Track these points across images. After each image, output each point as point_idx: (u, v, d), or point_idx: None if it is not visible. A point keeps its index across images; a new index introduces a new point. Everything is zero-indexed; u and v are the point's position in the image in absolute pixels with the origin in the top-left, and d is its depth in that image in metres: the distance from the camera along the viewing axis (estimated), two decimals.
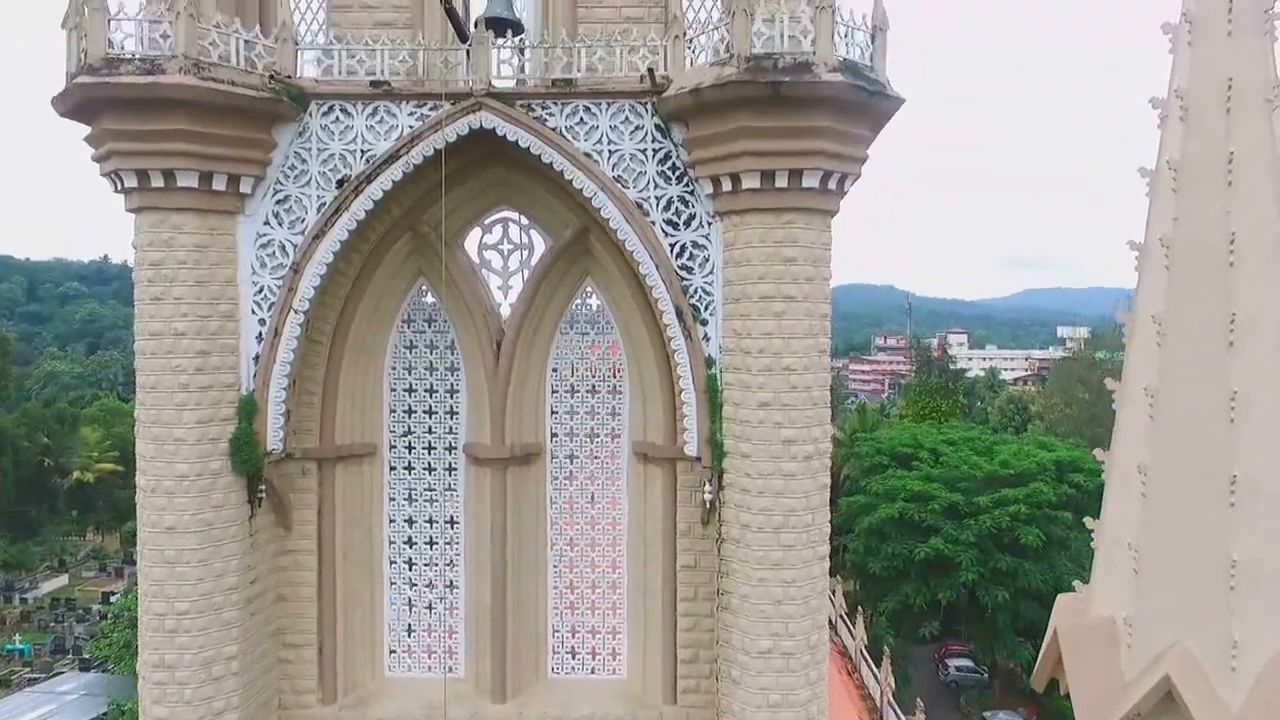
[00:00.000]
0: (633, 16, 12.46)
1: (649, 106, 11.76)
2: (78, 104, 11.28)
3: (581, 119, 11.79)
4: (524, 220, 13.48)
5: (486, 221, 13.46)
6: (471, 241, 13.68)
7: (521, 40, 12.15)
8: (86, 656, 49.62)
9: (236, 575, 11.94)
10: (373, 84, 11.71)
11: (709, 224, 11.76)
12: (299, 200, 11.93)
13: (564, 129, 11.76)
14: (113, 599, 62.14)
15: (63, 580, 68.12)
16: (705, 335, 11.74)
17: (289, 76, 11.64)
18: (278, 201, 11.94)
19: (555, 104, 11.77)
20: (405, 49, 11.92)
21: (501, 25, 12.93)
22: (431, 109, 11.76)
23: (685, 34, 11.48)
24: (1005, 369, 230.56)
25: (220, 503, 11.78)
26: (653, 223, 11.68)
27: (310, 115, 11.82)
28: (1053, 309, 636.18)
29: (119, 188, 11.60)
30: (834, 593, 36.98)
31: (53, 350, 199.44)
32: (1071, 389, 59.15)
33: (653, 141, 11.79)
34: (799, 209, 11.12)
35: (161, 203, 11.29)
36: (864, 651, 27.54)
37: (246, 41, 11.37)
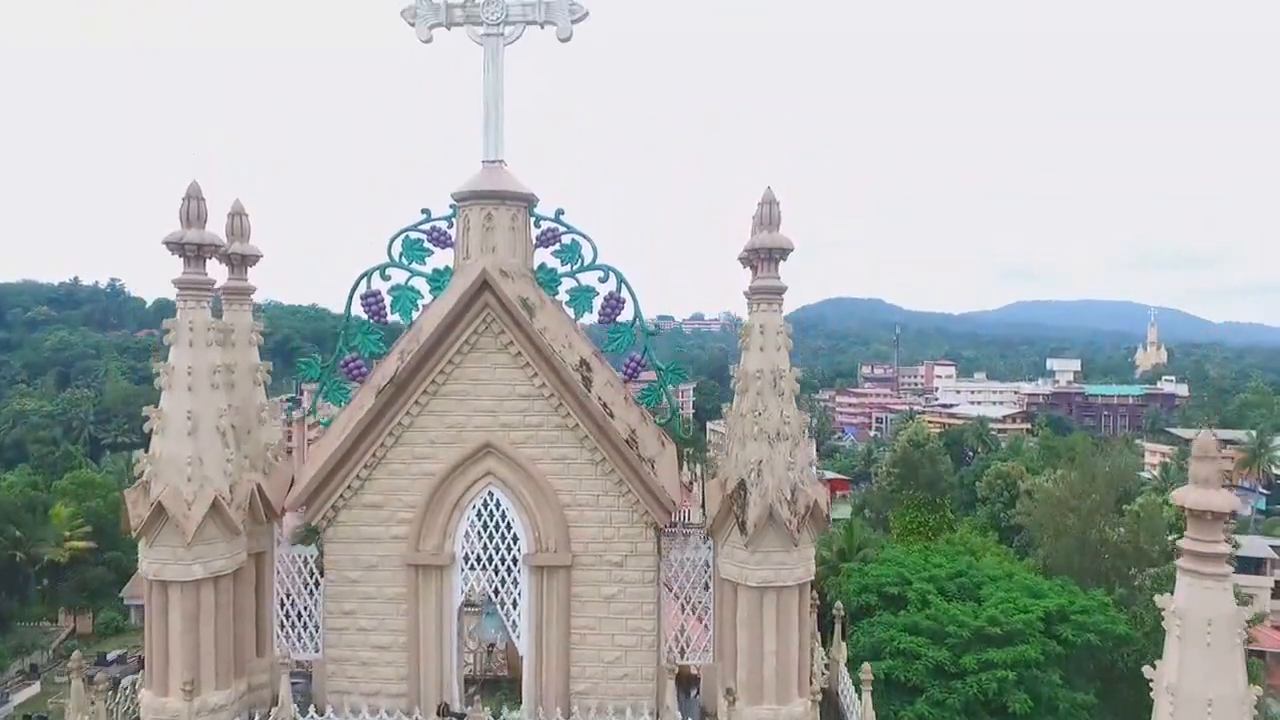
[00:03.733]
0: (626, 645, 12.67)
1: None
2: None
3: None
4: None
5: None
6: None
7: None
8: None
9: None
10: None
11: None
12: None
13: None
14: None
15: (35, 689, 67.70)
16: None
17: None
18: None
19: None
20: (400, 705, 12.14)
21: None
22: None
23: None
24: (994, 400, 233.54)
25: None
26: None
27: None
28: (1043, 323, 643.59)
29: None
30: None
31: (22, 387, 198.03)
32: (1061, 517, 59.44)
33: None
34: None
35: None
36: None
37: None
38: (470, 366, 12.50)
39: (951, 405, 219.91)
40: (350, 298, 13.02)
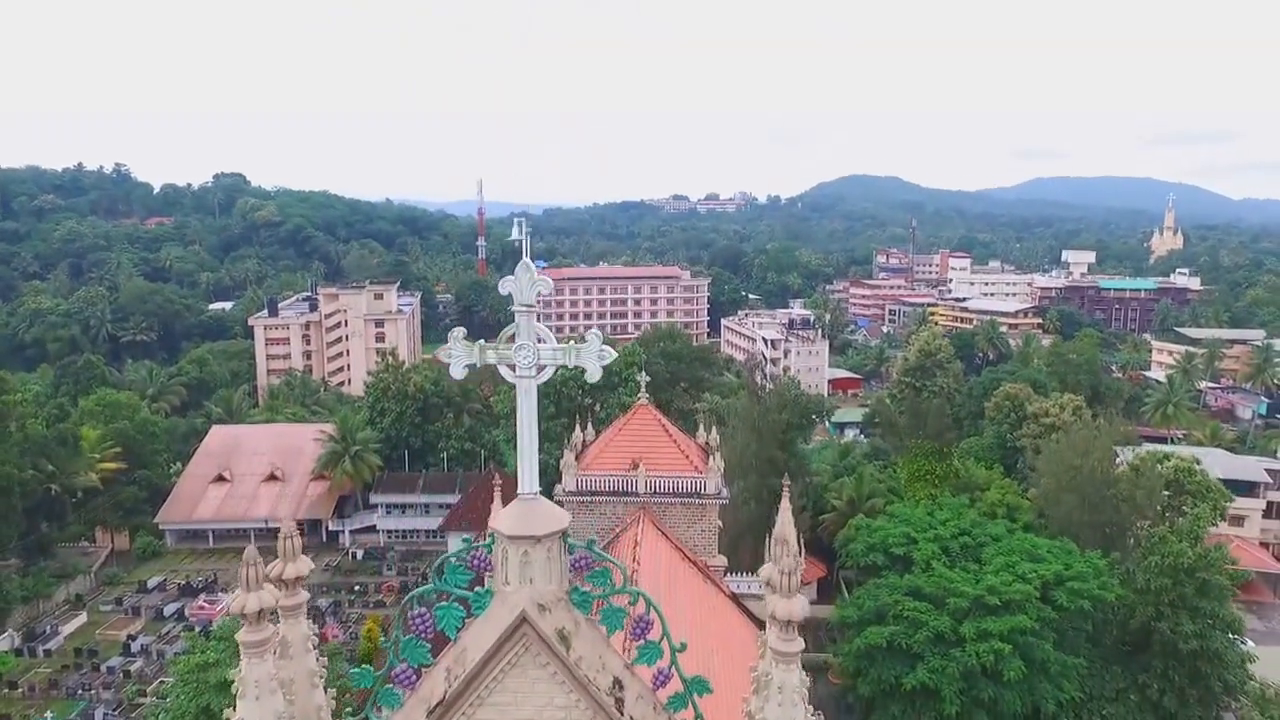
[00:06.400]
0: None
1: None
2: None
3: None
4: None
5: None
6: None
7: None
8: None
9: None
10: None
11: None
12: None
13: None
14: (133, 645, 65.74)
15: (81, 618, 71.41)
16: None
17: None
18: None
19: None
20: None
21: None
22: None
23: None
24: (1008, 292, 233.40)
25: None
26: None
27: None
28: (1060, 200, 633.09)
29: None
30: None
31: (36, 283, 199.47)
32: (1063, 475, 60.71)
33: None
34: None
35: None
36: None
37: None
38: (511, 681, 13.51)
39: (964, 299, 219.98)
40: (399, 616, 13.79)
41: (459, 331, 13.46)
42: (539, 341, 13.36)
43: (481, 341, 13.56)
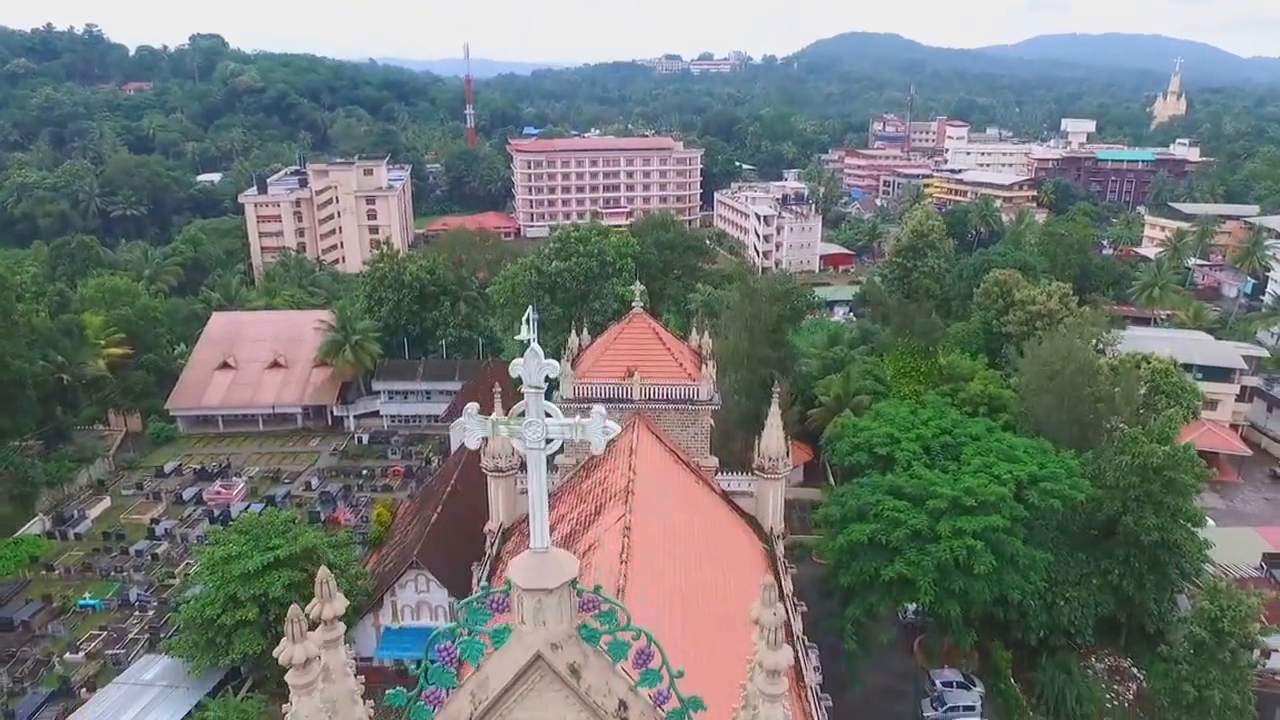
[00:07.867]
0: None
1: None
2: None
3: None
4: None
5: None
6: None
7: None
8: (156, 628, 56.63)
9: None
10: None
11: None
12: None
13: None
14: (158, 529, 69.22)
15: (106, 503, 74.33)
16: None
17: None
18: None
19: None
20: None
21: None
22: None
23: None
24: (1004, 163, 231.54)
25: None
26: None
27: None
28: (1065, 59, 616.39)
29: None
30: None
31: (19, 155, 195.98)
32: (1044, 377, 62.76)
33: None
34: None
35: None
36: None
37: None
38: (531, 701, 15.54)
39: (960, 171, 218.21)
40: (427, 650, 15.38)
41: (473, 407, 14.79)
42: (547, 417, 14.66)
43: (494, 416, 14.93)
